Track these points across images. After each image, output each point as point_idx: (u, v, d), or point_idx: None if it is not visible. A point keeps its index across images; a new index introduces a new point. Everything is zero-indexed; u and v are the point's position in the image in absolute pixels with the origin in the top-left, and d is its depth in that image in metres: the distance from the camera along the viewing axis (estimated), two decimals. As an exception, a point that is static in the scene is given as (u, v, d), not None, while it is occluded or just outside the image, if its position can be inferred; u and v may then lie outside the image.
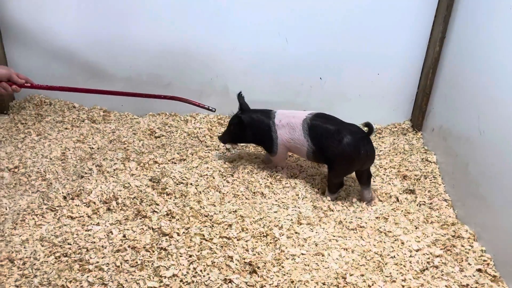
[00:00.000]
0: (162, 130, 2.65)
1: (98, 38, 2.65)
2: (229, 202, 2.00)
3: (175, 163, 2.29)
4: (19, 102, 2.86)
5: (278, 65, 2.65)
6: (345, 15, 2.47)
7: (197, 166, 2.24)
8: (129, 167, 2.22)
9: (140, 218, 1.86)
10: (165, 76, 2.75)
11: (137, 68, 2.73)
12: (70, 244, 1.70)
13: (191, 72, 2.73)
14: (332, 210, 1.98)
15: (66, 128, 2.60)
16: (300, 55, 2.59)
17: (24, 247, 1.68)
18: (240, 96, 2.23)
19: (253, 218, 1.87)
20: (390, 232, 1.83)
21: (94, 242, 1.71)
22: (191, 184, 2.10)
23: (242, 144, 2.50)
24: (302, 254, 1.69)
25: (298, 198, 2.06)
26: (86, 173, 2.17)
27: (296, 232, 1.81)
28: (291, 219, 1.89)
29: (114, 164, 2.24)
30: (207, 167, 2.23)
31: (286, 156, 2.25)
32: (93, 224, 1.82)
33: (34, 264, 1.61)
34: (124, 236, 1.75)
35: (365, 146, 1.93)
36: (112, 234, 1.76)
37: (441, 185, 2.18)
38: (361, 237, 1.81)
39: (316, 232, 1.83)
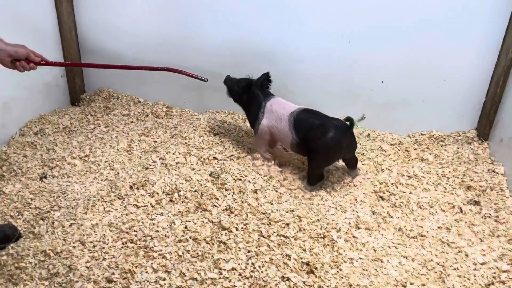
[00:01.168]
0: (221, 128, 2.71)
1: (166, 39, 2.76)
2: (286, 201, 2.02)
3: (233, 160, 2.34)
4: (89, 95, 3.04)
5: (339, 67, 2.63)
6: (411, 18, 2.41)
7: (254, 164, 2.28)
8: (190, 162, 2.30)
9: (201, 211, 1.92)
10: (226, 75, 2.80)
11: (202, 67, 2.80)
12: (136, 231, 1.78)
13: (252, 72, 2.76)
14: (392, 217, 1.94)
15: (132, 122, 2.73)
16: (362, 58, 2.56)
17: (94, 231, 1.79)
18: (265, 75, 2.36)
19: (310, 219, 1.88)
20: (453, 243, 1.77)
21: (158, 231, 1.79)
22: (248, 181, 2.13)
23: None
24: (360, 258, 1.68)
25: (356, 202, 2.04)
26: (150, 165, 2.27)
27: (354, 236, 1.80)
28: (349, 223, 1.88)
29: (176, 158, 2.32)
30: (263, 167, 2.26)
31: (266, 141, 2.32)
32: (157, 214, 1.90)
33: (103, 248, 1.71)
34: (185, 227, 1.81)
35: (347, 139, 2.06)
36: (174, 224, 1.83)
37: (509, 198, 2.07)
38: (422, 246, 1.76)
39: (375, 238, 1.80)
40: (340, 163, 2.30)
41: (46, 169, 2.20)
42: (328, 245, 1.74)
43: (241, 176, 2.17)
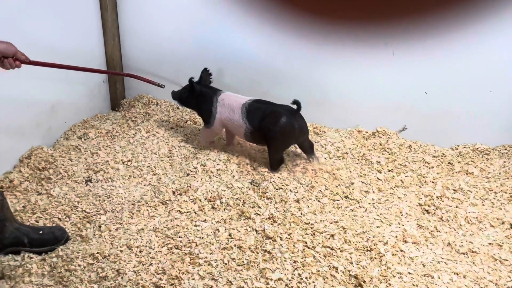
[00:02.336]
0: (259, 135, 2.71)
1: (206, 45, 2.79)
2: (329, 212, 2.00)
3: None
4: (129, 100, 3.09)
5: (378, 77, 2.60)
6: (459, 27, 2.36)
7: (294, 174, 2.26)
8: (231, 169, 2.30)
9: (244, 219, 1.92)
10: (264, 83, 2.81)
11: (239, 75, 2.82)
12: (181, 237, 1.79)
13: (289, 80, 2.77)
14: (439, 231, 1.89)
15: (172, 128, 2.76)
16: (405, 67, 2.52)
17: (140, 236, 1.81)
18: (204, 71, 2.47)
19: (355, 230, 1.85)
20: (506, 260, 1.71)
21: (202, 238, 1.79)
22: (290, 190, 2.12)
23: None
24: (410, 273, 1.64)
25: (401, 215, 2.00)
26: (191, 171, 2.28)
27: (401, 250, 1.76)
28: (396, 236, 1.84)
29: (217, 164, 2.33)
30: (305, 176, 2.25)
31: (217, 134, 2.53)
32: (201, 220, 1.91)
33: (150, 253, 1.72)
34: (229, 235, 1.81)
35: (298, 121, 2.21)
36: (218, 231, 1.83)
37: (562, 216, 2.00)
38: (473, 262, 1.71)
39: (423, 252, 1.76)
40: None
41: (91, 173, 2.24)
42: (375, 258, 1.70)
43: (282, 185, 2.16)
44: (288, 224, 1.87)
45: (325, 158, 2.45)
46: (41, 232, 1.74)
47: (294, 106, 2.20)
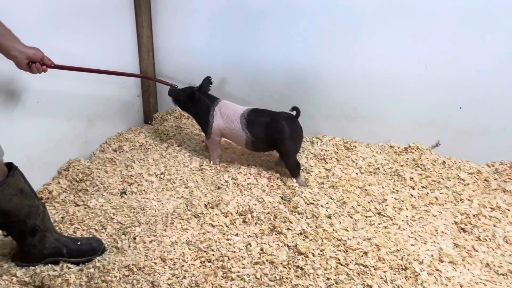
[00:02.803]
0: (289, 150, 2.71)
1: (237, 60, 2.84)
2: (362, 228, 1.97)
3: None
4: (161, 114, 3.17)
5: (412, 92, 2.57)
6: (496, 40, 2.31)
7: (326, 189, 2.25)
8: (261, 183, 2.32)
9: (276, 234, 1.92)
10: (294, 97, 2.82)
11: (270, 89, 2.85)
12: (214, 251, 1.81)
13: (320, 94, 2.77)
14: (477, 251, 1.84)
15: (202, 141, 2.80)
16: (438, 82, 2.48)
17: (174, 249, 1.83)
18: (207, 79, 2.49)
19: (389, 248, 1.82)
20: (550, 283, 1.64)
21: (235, 252, 1.80)
22: (321, 206, 2.11)
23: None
24: (447, 294, 1.59)
25: (437, 233, 1.96)
26: (222, 184, 2.31)
27: (437, 270, 1.72)
28: (432, 255, 1.80)
29: (248, 178, 2.35)
30: (335, 191, 2.23)
31: (219, 143, 2.51)
32: (233, 234, 1.92)
33: (183, 266, 1.74)
34: (261, 249, 1.82)
35: (299, 126, 2.31)
36: (250, 246, 1.84)
37: None
38: (514, 284, 1.65)
39: (460, 272, 1.71)
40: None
41: (125, 185, 2.30)
42: (410, 277, 1.67)
43: (313, 200, 2.15)
44: (320, 240, 1.86)
45: (356, 173, 2.42)
46: (79, 243, 1.80)
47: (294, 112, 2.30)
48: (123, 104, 2.92)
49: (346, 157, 2.58)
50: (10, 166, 1.60)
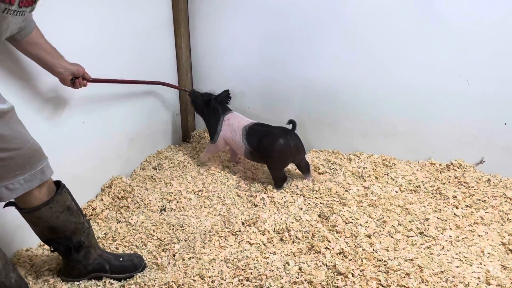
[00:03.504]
0: (326, 167, 2.69)
1: (274, 80, 2.87)
2: (403, 249, 1.92)
3: (339, 201, 2.30)
4: (198, 132, 3.23)
5: (453, 107, 2.50)
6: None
7: (364, 207, 2.21)
8: (298, 201, 2.31)
9: (314, 253, 1.90)
10: (331, 114, 2.82)
11: (307, 106, 2.86)
12: (251, 269, 1.81)
13: (356, 111, 2.75)
14: (528, 274, 1.74)
15: (239, 158, 2.83)
16: (481, 97, 2.41)
17: (212, 266, 1.85)
18: (225, 92, 2.65)
19: (433, 270, 1.75)
20: None
21: (272, 271, 1.79)
22: (360, 225, 2.07)
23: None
24: (496, 319, 1.52)
25: (483, 254, 1.87)
26: (259, 202, 2.32)
27: (485, 293, 1.64)
28: (478, 277, 1.72)
29: (284, 196, 2.35)
30: (374, 210, 2.19)
31: (220, 150, 2.68)
32: (270, 253, 1.92)
33: (222, 284, 1.75)
34: (299, 268, 1.80)
35: (294, 140, 2.36)
36: (288, 265, 1.82)
37: None
38: None
39: (510, 297, 1.63)
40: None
41: (165, 202, 2.35)
42: (456, 301, 1.60)
43: (352, 219, 2.12)
44: (360, 260, 1.82)
45: (396, 192, 2.37)
46: (121, 259, 1.84)
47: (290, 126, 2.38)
48: (163, 123, 3.01)
49: (385, 174, 2.53)
50: (58, 184, 1.68)
